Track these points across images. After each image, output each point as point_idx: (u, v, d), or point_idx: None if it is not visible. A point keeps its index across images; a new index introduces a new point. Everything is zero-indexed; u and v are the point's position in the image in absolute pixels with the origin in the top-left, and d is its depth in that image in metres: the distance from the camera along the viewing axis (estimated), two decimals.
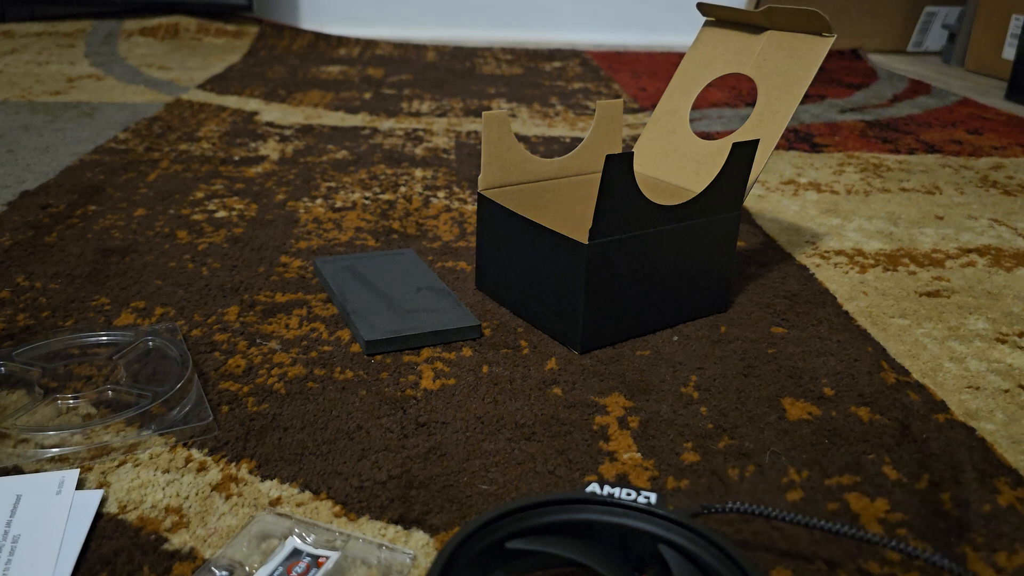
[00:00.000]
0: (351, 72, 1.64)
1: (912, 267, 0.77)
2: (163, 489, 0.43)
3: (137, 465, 0.45)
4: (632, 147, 1.07)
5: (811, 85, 1.63)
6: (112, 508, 0.42)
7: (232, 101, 1.32)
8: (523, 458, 0.47)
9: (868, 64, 1.99)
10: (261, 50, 1.84)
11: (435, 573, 0.33)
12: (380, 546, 0.40)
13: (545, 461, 0.47)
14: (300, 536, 0.40)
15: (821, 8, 2.14)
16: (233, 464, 0.45)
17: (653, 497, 0.37)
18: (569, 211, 0.68)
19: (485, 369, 0.56)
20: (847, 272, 0.75)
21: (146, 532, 0.40)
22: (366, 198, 0.89)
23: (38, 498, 0.42)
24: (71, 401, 0.50)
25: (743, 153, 0.59)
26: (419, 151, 1.08)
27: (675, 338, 0.61)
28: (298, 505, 0.43)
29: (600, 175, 0.63)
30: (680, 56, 2.05)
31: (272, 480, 0.44)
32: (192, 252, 0.73)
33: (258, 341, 0.58)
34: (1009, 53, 1.87)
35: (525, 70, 1.75)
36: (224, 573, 0.37)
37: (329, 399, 0.52)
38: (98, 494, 0.42)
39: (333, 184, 0.93)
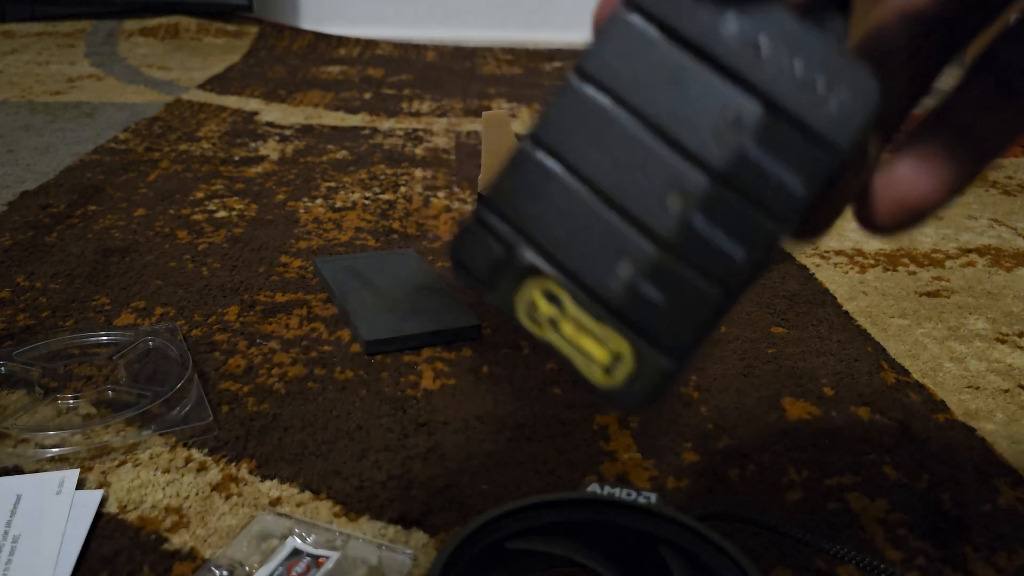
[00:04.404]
0: (351, 72, 1.64)
1: (912, 267, 0.77)
2: (163, 489, 0.43)
3: (137, 465, 0.45)
4: None
5: None
6: (112, 508, 0.42)
7: (232, 101, 1.32)
8: (523, 458, 0.47)
9: None
10: (261, 50, 1.84)
11: (435, 573, 0.33)
12: (380, 546, 0.40)
13: (545, 461, 0.47)
14: (300, 536, 0.40)
15: None
16: (233, 464, 0.45)
17: (653, 497, 0.37)
18: None
19: (485, 369, 0.56)
20: (847, 272, 0.75)
21: (146, 532, 0.40)
22: (366, 198, 0.89)
23: (38, 498, 0.42)
24: (71, 401, 0.50)
25: None
26: (419, 151, 1.08)
27: None
28: (298, 505, 0.43)
29: None
30: None
31: (272, 480, 0.44)
32: (192, 252, 0.73)
33: (258, 341, 0.58)
34: None
35: (525, 70, 1.75)
36: (224, 573, 0.37)
37: (329, 399, 0.52)
38: (98, 494, 0.42)
39: (333, 184, 0.93)
